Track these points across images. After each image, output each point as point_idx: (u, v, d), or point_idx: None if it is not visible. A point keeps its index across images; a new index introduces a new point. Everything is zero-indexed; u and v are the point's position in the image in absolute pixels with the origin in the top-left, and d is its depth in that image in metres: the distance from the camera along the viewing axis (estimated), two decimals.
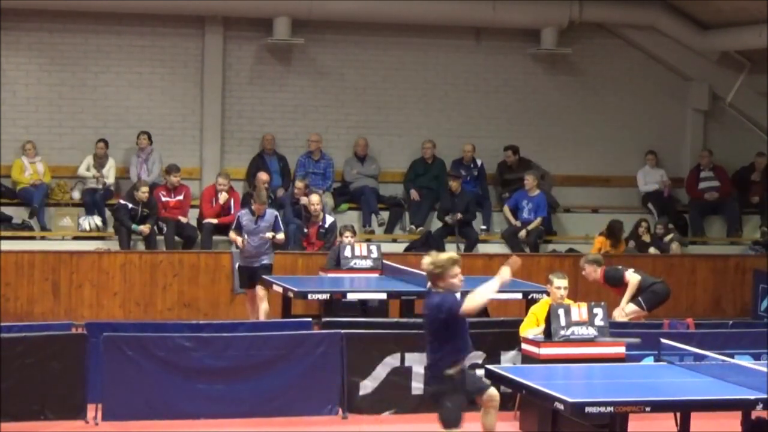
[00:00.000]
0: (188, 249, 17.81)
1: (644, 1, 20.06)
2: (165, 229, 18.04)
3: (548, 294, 12.43)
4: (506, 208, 19.33)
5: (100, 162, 18.62)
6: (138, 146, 18.85)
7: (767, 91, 20.33)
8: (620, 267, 14.86)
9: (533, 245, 18.85)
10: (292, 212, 18.24)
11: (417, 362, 12.34)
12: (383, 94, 20.14)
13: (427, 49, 20.20)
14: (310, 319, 13.18)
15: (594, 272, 14.34)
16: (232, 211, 18.16)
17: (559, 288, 12.02)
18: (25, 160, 18.37)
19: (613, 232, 18.44)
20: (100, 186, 18.44)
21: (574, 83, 20.75)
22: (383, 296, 14.37)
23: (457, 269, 9.23)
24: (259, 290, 15.24)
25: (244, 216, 15.40)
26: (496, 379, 10.12)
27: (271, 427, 11.70)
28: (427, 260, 9.30)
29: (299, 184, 18.33)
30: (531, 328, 11.95)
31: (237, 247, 15.60)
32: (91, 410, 11.58)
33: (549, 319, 11.45)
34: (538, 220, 19.04)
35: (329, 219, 17.59)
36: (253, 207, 15.42)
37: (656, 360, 11.14)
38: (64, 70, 19.05)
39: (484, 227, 19.44)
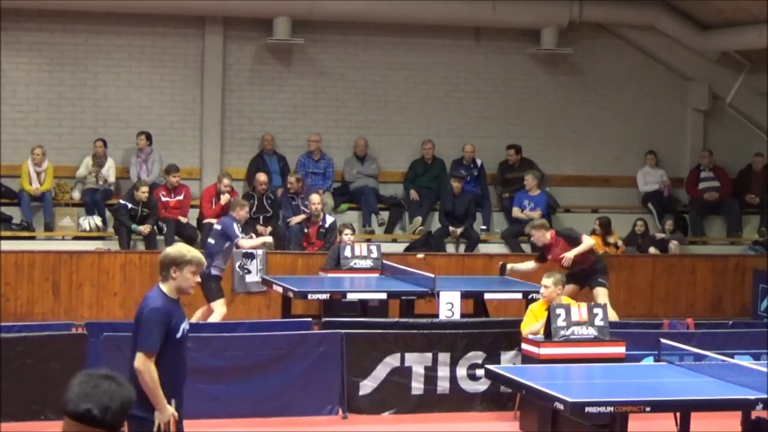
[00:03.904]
0: None
1: (644, 1, 20.06)
2: (165, 229, 18.05)
3: None
4: (515, 209, 19.27)
5: (98, 162, 18.60)
6: (137, 146, 18.85)
7: (767, 91, 20.32)
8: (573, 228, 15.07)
9: (533, 245, 18.81)
10: (291, 212, 18.25)
11: (417, 362, 12.37)
12: (383, 94, 20.15)
13: (427, 49, 20.20)
14: (310, 319, 13.19)
15: (543, 236, 14.62)
16: None
17: (542, 286, 12.06)
18: (31, 167, 18.18)
19: (606, 225, 18.58)
20: (101, 182, 18.39)
21: (574, 83, 20.75)
22: (383, 296, 14.38)
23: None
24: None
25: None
26: (496, 379, 10.12)
27: (271, 427, 11.70)
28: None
29: (291, 178, 18.37)
30: (531, 325, 11.96)
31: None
32: None
33: (549, 319, 11.46)
34: (538, 211, 19.05)
35: (329, 219, 17.60)
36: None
37: (656, 360, 11.13)
38: (64, 70, 19.05)
39: (484, 227, 19.44)
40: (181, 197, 18.41)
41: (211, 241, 15.16)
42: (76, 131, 19.11)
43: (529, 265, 14.82)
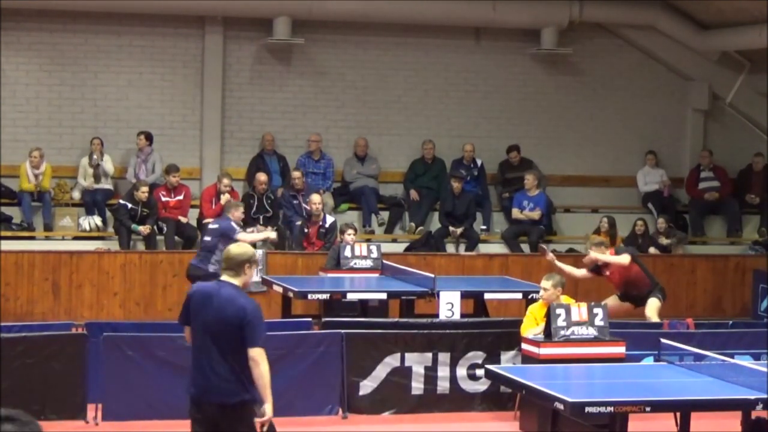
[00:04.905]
0: (188, 249, 17.82)
1: (644, 1, 20.06)
2: (165, 229, 18.05)
3: None
4: (515, 210, 19.26)
5: (94, 162, 18.55)
6: (137, 146, 18.85)
7: (767, 91, 20.33)
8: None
9: (534, 245, 18.85)
10: (293, 211, 18.24)
11: (417, 362, 12.37)
12: (383, 94, 20.15)
13: (427, 49, 20.20)
14: (310, 319, 13.19)
15: (603, 254, 14.49)
16: None
17: (541, 288, 12.05)
18: (29, 169, 18.16)
19: (613, 225, 18.53)
20: (94, 163, 18.30)
21: (574, 83, 20.75)
22: (383, 296, 14.38)
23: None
24: None
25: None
26: (496, 379, 10.09)
27: None
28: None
29: (296, 173, 18.38)
30: (531, 327, 11.97)
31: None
32: (91, 410, 11.58)
33: (549, 319, 11.45)
34: (538, 211, 19.05)
35: (329, 219, 17.60)
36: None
37: (656, 360, 11.14)
38: (64, 70, 19.06)
39: (484, 227, 19.44)
40: (181, 197, 18.42)
41: (207, 238, 15.16)
42: (76, 131, 19.11)
43: (580, 272, 14.63)
